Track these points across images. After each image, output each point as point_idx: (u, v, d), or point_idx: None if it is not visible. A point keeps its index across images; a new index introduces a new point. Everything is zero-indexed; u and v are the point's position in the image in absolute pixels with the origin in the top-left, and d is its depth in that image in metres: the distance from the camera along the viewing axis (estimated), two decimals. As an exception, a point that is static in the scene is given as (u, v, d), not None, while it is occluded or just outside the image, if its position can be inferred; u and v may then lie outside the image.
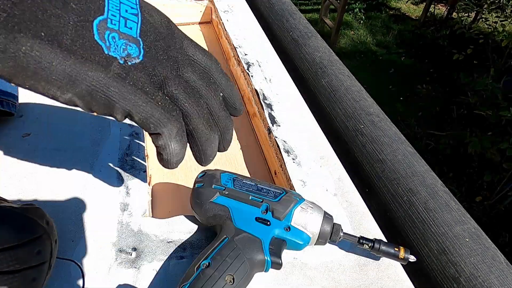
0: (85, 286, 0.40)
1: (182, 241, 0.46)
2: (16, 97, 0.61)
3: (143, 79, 0.24)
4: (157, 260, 0.43)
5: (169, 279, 0.42)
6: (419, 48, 4.04)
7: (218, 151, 0.35)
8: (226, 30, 0.90)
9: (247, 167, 0.64)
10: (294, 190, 0.53)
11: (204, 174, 0.47)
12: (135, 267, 0.42)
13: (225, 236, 0.40)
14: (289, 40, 0.95)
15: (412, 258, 0.42)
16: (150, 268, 0.43)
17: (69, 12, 0.22)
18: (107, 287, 0.41)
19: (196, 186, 0.45)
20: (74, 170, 0.53)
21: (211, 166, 0.48)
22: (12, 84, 0.22)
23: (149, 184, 0.55)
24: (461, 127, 2.81)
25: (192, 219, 0.48)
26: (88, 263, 0.42)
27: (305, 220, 0.41)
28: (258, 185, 0.44)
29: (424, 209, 0.54)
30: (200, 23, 1.07)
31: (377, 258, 0.46)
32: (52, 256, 0.36)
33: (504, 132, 2.39)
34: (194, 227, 0.47)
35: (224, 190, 0.44)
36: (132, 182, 0.52)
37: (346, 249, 0.47)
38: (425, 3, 4.57)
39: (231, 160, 0.65)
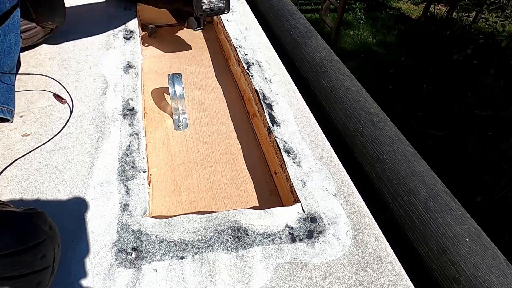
0: (82, 282, 0.41)
1: (182, 241, 0.46)
2: (12, 104, 0.60)
3: None
4: (157, 260, 0.43)
5: (169, 279, 0.42)
6: (419, 48, 4.04)
7: None
8: (226, 30, 0.90)
9: (247, 167, 0.65)
10: (294, 190, 0.53)
11: None
12: (135, 267, 0.42)
13: None
14: (289, 40, 0.95)
15: None
16: (150, 268, 0.43)
17: None
18: (107, 287, 0.41)
19: None
20: (74, 170, 0.53)
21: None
22: None
23: (149, 184, 0.55)
24: (461, 127, 2.81)
25: (192, 219, 0.48)
26: (88, 263, 0.42)
27: None
28: None
29: (424, 209, 0.54)
30: (200, 23, 1.07)
31: None
32: (55, 260, 0.36)
33: (504, 132, 2.39)
34: (194, 227, 0.47)
35: None
36: (132, 182, 0.52)
37: (346, 249, 0.47)
38: (425, 3, 4.57)
39: (231, 160, 0.65)
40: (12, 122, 0.59)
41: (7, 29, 0.62)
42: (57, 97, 0.65)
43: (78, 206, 0.48)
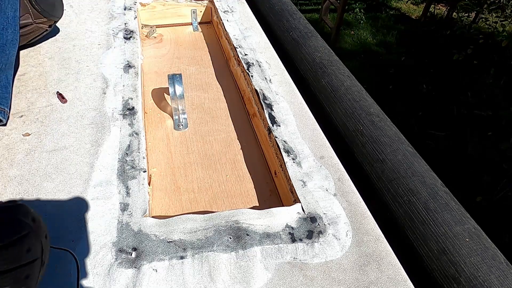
0: (82, 282, 0.40)
1: (182, 241, 0.46)
2: (6, 104, 0.59)
3: None
4: (157, 260, 0.43)
5: (169, 279, 0.42)
6: (419, 48, 4.04)
7: None
8: (226, 30, 0.90)
9: (247, 167, 0.65)
10: (294, 190, 0.53)
11: None
12: (135, 267, 0.42)
13: None
14: (289, 40, 0.95)
15: None
16: (150, 268, 0.43)
17: None
18: (107, 287, 0.41)
19: None
20: (74, 170, 0.53)
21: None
22: None
23: (149, 184, 0.55)
24: (461, 127, 2.81)
25: (192, 219, 0.48)
26: (88, 263, 0.42)
27: None
28: None
29: (424, 209, 0.54)
30: (200, 23, 1.07)
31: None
32: (43, 251, 0.36)
33: (504, 132, 2.39)
34: (194, 227, 0.47)
35: None
36: (132, 182, 0.52)
37: (346, 249, 0.47)
38: (425, 3, 4.57)
39: (231, 160, 0.65)
40: (5, 124, 0.58)
41: (5, 25, 0.62)
42: (59, 95, 0.65)
43: (78, 206, 0.48)
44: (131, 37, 0.83)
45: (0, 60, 0.60)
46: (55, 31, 0.82)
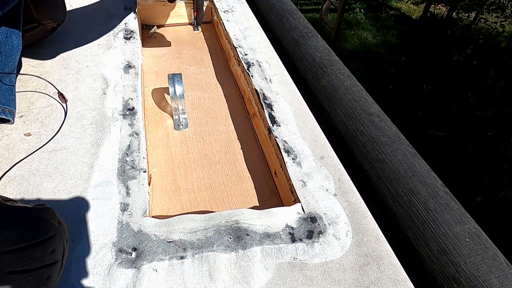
0: (82, 282, 0.41)
1: (182, 241, 0.46)
2: (13, 105, 0.60)
3: None
4: (157, 260, 0.43)
5: (169, 279, 0.42)
6: (419, 48, 4.04)
7: None
8: (226, 30, 0.90)
9: (247, 167, 0.65)
10: (294, 190, 0.53)
11: None
12: (135, 267, 0.42)
13: None
14: (289, 40, 0.95)
15: None
16: (150, 268, 0.43)
17: None
18: (107, 287, 0.41)
19: None
20: (74, 170, 0.53)
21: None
22: None
23: (149, 184, 0.55)
24: (461, 127, 2.81)
25: (192, 219, 0.48)
26: (88, 263, 0.42)
27: None
28: None
29: (424, 209, 0.54)
30: (200, 23, 1.07)
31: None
32: (64, 255, 0.37)
33: (504, 132, 2.39)
34: (194, 227, 0.47)
35: None
36: (132, 182, 0.52)
37: (346, 249, 0.47)
38: (425, 3, 4.58)
39: (231, 160, 0.65)
40: (13, 123, 0.59)
41: (10, 31, 0.62)
42: (60, 95, 0.65)
43: (78, 206, 0.48)
44: (131, 37, 0.83)
45: (7, 65, 0.61)
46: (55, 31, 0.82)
